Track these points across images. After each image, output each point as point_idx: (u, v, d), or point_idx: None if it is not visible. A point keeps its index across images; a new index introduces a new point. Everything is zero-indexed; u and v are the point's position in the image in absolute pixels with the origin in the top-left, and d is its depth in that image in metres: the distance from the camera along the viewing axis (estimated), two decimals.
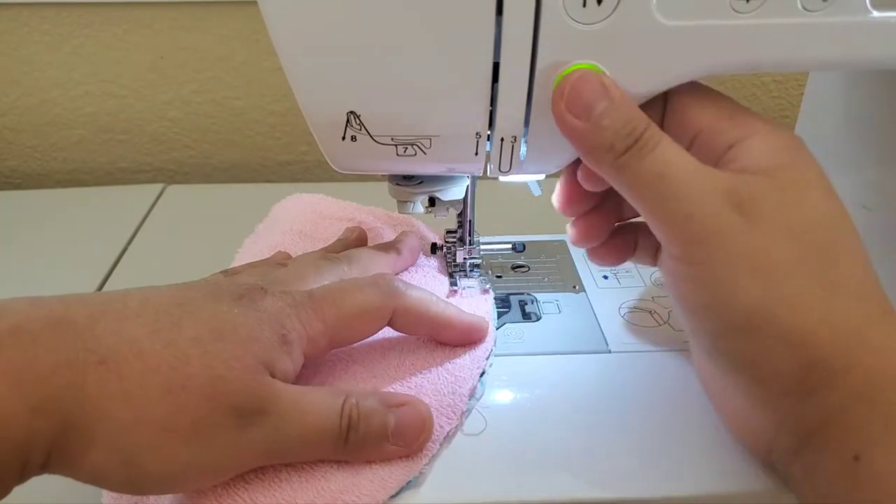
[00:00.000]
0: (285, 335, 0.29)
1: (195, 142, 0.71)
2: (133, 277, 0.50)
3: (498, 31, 0.27)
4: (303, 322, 0.30)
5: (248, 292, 0.30)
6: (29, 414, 0.23)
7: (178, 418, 0.25)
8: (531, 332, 0.39)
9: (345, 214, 0.47)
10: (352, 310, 0.31)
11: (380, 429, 0.29)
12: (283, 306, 0.30)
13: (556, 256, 0.46)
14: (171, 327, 0.27)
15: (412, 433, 0.30)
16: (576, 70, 0.27)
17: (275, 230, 0.46)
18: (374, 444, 0.29)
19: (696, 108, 0.29)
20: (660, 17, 0.26)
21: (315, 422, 0.28)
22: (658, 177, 0.26)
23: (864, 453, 0.23)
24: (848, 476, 0.23)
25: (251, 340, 0.28)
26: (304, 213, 0.47)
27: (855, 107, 0.40)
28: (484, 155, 0.32)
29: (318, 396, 0.29)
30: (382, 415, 0.29)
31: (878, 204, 0.38)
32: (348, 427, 0.28)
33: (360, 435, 0.29)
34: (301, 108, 0.30)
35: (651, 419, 0.33)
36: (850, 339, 0.24)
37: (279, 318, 0.29)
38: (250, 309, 0.29)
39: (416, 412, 0.30)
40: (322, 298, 0.31)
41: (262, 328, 0.28)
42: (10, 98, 0.67)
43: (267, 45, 0.28)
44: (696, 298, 0.27)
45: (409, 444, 0.30)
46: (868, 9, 0.26)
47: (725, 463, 0.30)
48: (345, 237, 0.43)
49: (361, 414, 0.29)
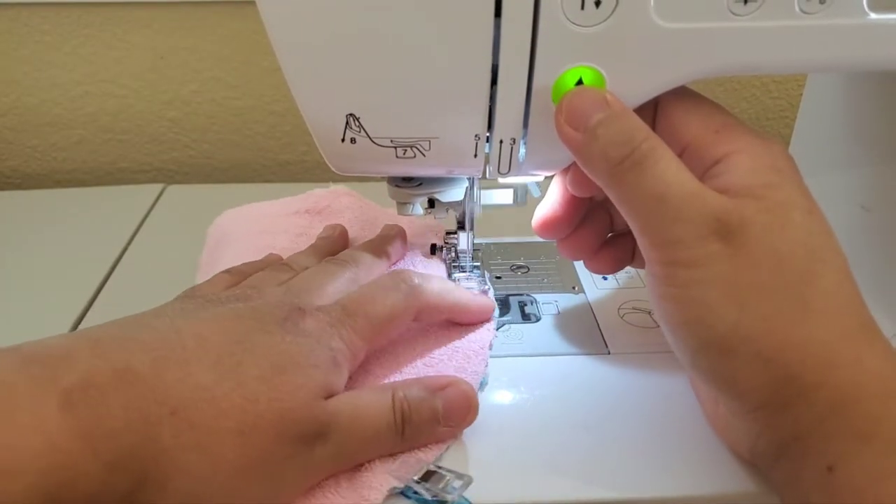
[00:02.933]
0: (335, 357, 0.30)
1: (195, 142, 0.71)
2: (133, 277, 0.50)
3: (496, 34, 0.27)
4: (345, 341, 0.31)
5: (289, 315, 0.30)
6: (103, 470, 0.23)
7: (250, 459, 0.26)
8: (531, 332, 0.39)
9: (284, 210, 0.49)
10: (383, 318, 0.33)
11: (431, 414, 0.30)
12: (325, 326, 0.31)
13: (556, 257, 0.46)
14: (236, 368, 0.27)
15: (461, 412, 0.31)
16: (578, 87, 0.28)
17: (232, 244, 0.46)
18: (428, 429, 0.31)
19: (683, 120, 0.29)
20: (658, 20, 0.26)
21: (372, 424, 0.29)
22: (657, 197, 0.26)
23: (837, 464, 0.24)
24: (823, 486, 0.24)
25: (311, 367, 0.29)
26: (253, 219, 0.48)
27: (854, 107, 0.40)
28: (483, 157, 0.32)
29: (369, 399, 0.30)
30: (430, 401, 0.31)
31: (878, 204, 0.38)
32: (402, 420, 0.30)
33: (414, 425, 0.30)
34: (300, 110, 0.30)
35: (650, 420, 0.33)
36: (822, 356, 0.25)
37: (326, 341, 0.30)
38: (299, 335, 0.30)
39: (460, 391, 0.32)
40: (355, 313, 0.32)
41: (316, 353, 0.29)
42: (10, 98, 0.67)
43: (267, 45, 0.28)
44: (676, 317, 0.27)
45: (460, 422, 0.31)
46: (865, 11, 0.26)
47: (724, 464, 0.30)
48: (328, 235, 0.44)
49: (412, 405, 0.30)
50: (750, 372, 0.26)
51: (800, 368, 0.25)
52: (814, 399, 0.25)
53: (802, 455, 0.25)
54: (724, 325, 0.26)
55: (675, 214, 0.26)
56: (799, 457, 0.25)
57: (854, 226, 0.39)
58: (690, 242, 0.26)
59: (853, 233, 0.38)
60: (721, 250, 0.26)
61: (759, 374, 0.25)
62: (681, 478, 0.30)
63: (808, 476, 0.25)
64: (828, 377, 0.25)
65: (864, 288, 0.27)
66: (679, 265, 0.26)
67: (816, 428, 0.25)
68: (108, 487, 0.24)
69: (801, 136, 0.45)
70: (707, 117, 0.29)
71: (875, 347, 0.25)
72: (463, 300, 0.37)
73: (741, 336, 0.25)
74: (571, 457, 0.31)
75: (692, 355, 0.27)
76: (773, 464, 0.27)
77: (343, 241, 0.44)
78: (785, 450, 0.26)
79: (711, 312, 0.26)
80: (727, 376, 0.26)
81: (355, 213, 0.48)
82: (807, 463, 0.25)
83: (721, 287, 0.26)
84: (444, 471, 0.30)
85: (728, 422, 0.30)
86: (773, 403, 0.26)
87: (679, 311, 0.27)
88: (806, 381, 0.25)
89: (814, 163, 0.41)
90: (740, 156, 0.27)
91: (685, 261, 0.26)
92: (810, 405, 0.25)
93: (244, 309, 0.31)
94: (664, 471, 0.30)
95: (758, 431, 0.27)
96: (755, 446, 0.28)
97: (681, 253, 0.26)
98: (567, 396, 0.34)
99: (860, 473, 0.23)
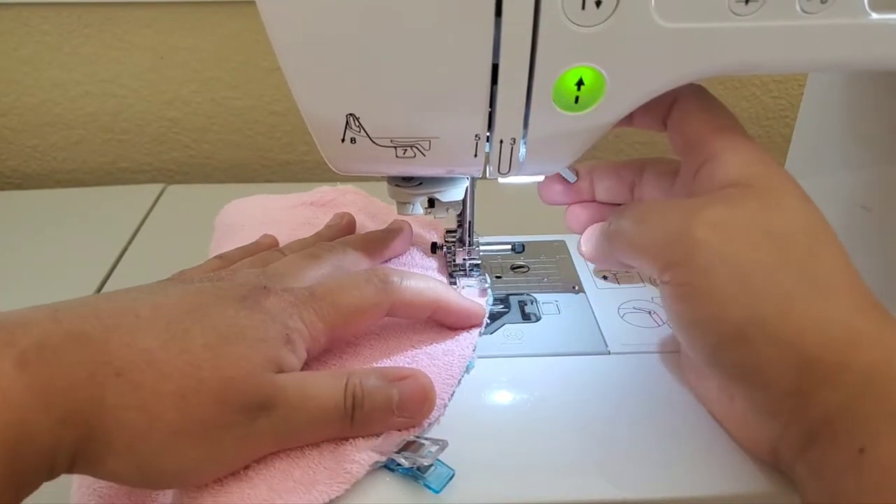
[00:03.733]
0: (289, 335, 0.30)
1: (195, 142, 0.71)
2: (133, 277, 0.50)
3: (497, 33, 0.27)
4: (305, 322, 0.31)
5: (251, 293, 0.31)
6: (55, 425, 0.25)
7: (189, 422, 0.27)
8: (530, 332, 0.39)
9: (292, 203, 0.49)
10: (350, 308, 0.33)
11: (384, 403, 0.30)
12: (286, 306, 0.31)
13: (556, 257, 0.46)
14: (183, 335, 0.28)
15: (416, 404, 0.31)
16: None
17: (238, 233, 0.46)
18: (380, 418, 0.31)
19: (693, 117, 0.31)
20: (658, 20, 0.26)
21: (320, 405, 0.29)
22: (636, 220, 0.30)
23: (869, 445, 0.23)
24: (854, 469, 0.24)
25: (258, 341, 0.29)
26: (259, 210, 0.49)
27: (855, 107, 0.40)
28: (483, 156, 0.32)
29: (321, 380, 0.30)
30: (386, 389, 0.31)
31: (878, 204, 0.38)
32: (353, 406, 0.30)
33: (364, 412, 0.30)
34: (300, 109, 0.30)
35: (650, 420, 0.33)
36: (842, 335, 0.25)
37: (283, 319, 0.30)
38: (255, 311, 0.30)
39: (417, 384, 0.32)
40: (322, 297, 0.32)
41: (268, 329, 0.30)
42: (10, 98, 0.67)
43: (267, 45, 0.28)
44: (689, 315, 0.27)
45: (414, 414, 0.31)
46: (867, 10, 0.26)
47: (725, 463, 0.30)
48: (334, 223, 0.44)
49: (365, 392, 0.30)
50: (772, 359, 0.25)
51: (821, 350, 0.25)
52: (841, 380, 0.24)
53: (832, 439, 0.25)
54: (738, 313, 0.26)
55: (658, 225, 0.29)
56: (829, 442, 0.25)
57: (854, 226, 0.39)
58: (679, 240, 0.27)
59: (853, 233, 0.38)
60: (710, 235, 0.27)
61: (781, 360, 0.25)
62: (681, 477, 0.30)
63: (839, 461, 0.24)
64: (853, 357, 0.24)
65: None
66: (677, 265, 0.27)
67: (847, 409, 0.24)
68: (59, 441, 0.25)
69: (801, 136, 0.45)
70: (713, 118, 0.31)
71: (891, 324, 0.25)
72: (444, 300, 0.36)
73: (756, 321, 0.25)
74: (571, 457, 0.31)
75: (712, 353, 0.27)
76: (797, 456, 0.26)
77: (350, 230, 0.44)
78: (814, 437, 0.25)
79: (721, 302, 0.26)
80: (749, 368, 0.26)
81: (360, 206, 0.48)
82: (837, 447, 0.24)
83: (723, 270, 0.26)
84: (421, 439, 0.30)
85: (746, 420, 0.30)
86: (800, 389, 0.25)
87: (691, 310, 0.27)
88: (830, 361, 0.25)
89: (814, 163, 0.42)
90: (728, 154, 0.29)
91: (679, 258, 0.27)
92: (839, 386, 0.25)
93: (209, 286, 0.31)
94: (664, 471, 0.30)
95: (784, 422, 0.27)
96: (779, 440, 0.27)
97: (672, 253, 0.27)
98: (567, 396, 0.34)
99: (892, 453, 0.23)
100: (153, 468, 0.27)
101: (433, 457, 0.29)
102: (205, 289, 0.31)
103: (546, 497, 0.29)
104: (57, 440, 0.25)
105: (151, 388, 0.26)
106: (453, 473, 0.30)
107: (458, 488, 0.30)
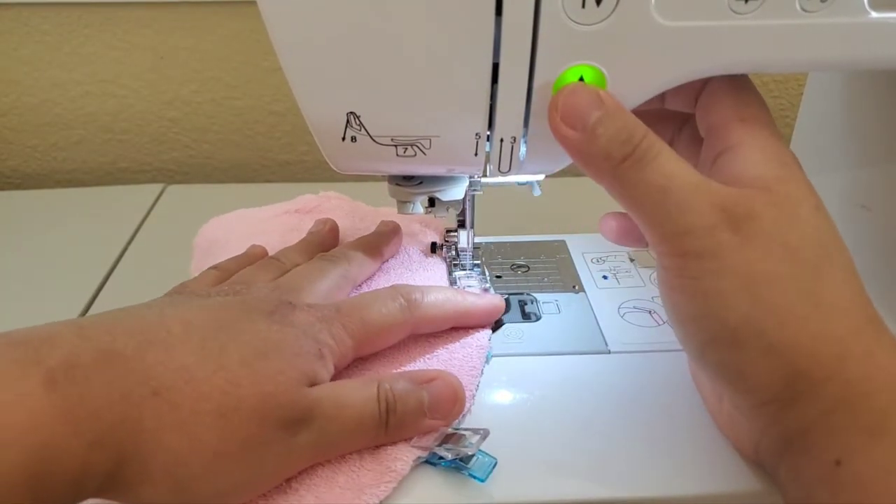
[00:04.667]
0: (321, 349, 0.30)
1: (195, 142, 0.71)
2: (133, 277, 0.51)
3: (497, 32, 0.27)
4: (334, 338, 0.31)
5: (278, 308, 0.31)
6: (85, 449, 0.24)
7: (230, 441, 0.26)
8: (531, 332, 0.39)
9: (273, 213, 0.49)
10: (376, 326, 0.33)
11: (416, 406, 0.31)
12: (314, 321, 0.31)
13: (556, 256, 0.46)
14: (219, 352, 0.27)
15: (447, 404, 0.31)
16: (570, 83, 0.27)
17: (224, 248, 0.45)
18: (413, 421, 0.31)
19: (720, 101, 0.29)
20: (658, 18, 0.26)
21: (355, 414, 0.29)
22: (660, 189, 0.26)
23: (844, 458, 0.24)
24: (830, 481, 0.24)
25: (293, 355, 0.29)
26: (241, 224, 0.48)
27: (855, 107, 0.40)
28: (483, 155, 0.32)
29: (353, 389, 0.30)
30: (416, 392, 0.31)
31: (878, 204, 0.38)
32: (387, 410, 0.30)
33: (398, 416, 0.30)
34: (301, 108, 0.30)
35: (650, 419, 0.33)
36: (832, 350, 0.25)
37: (313, 333, 0.30)
38: (286, 325, 0.30)
39: (447, 384, 0.32)
40: (349, 315, 0.32)
41: (301, 343, 0.29)
42: (10, 98, 0.67)
43: (267, 45, 0.28)
44: (686, 309, 0.27)
45: (446, 415, 0.31)
46: (867, 9, 0.26)
47: (724, 463, 0.30)
48: (318, 229, 0.44)
49: (397, 396, 0.30)
50: (760, 366, 0.25)
51: (810, 363, 0.25)
52: (821, 393, 0.25)
53: (808, 449, 0.25)
54: (736, 318, 0.25)
55: (682, 205, 0.26)
56: (804, 451, 0.25)
57: (854, 226, 0.39)
58: (700, 232, 0.26)
59: (853, 233, 0.38)
60: (731, 240, 0.26)
61: (769, 369, 0.25)
62: (681, 477, 0.30)
63: (814, 471, 0.24)
64: (836, 371, 0.25)
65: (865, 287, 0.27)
66: (690, 256, 0.26)
67: (824, 421, 0.24)
68: (90, 466, 0.24)
69: (801, 136, 0.45)
70: (742, 106, 0.29)
71: (884, 342, 0.25)
72: (465, 306, 0.37)
73: (753, 329, 0.25)
74: (571, 456, 0.31)
75: (701, 349, 0.27)
76: (777, 460, 0.27)
77: (333, 235, 0.44)
78: (790, 445, 0.26)
79: (723, 304, 0.26)
80: (736, 371, 0.26)
81: (346, 211, 0.48)
82: (812, 457, 0.25)
83: (733, 277, 0.25)
84: (460, 430, 0.31)
85: (732, 418, 0.30)
86: (781, 398, 0.25)
87: (690, 304, 0.27)
88: (814, 375, 0.25)
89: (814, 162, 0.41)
90: (749, 148, 0.28)
91: (696, 251, 0.26)
92: (818, 399, 0.25)
93: (232, 301, 0.31)
94: (665, 470, 0.30)
95: (763, 427, 0.27)
96: (759, 442, 0.28)
97: (691, 243, 0.26)
98: (567, 395, 0.34)
99: (868, 467, 0.23)
100: (191, 493, 0.26)
101: (476, 446, 0.30)
102: (230, 304, 0.31)
103: (545, 496, 0.29)
104: (86, 465, 0.24)
105: (191, 408, 0.26)
106: (496, 462, 0.30)
107: (456, 486, 0.30)
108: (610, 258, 0.46)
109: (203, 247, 0.47)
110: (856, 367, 0.24)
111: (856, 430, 0.24)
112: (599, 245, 0.47)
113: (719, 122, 0.29)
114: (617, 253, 0.46)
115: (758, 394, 0.26)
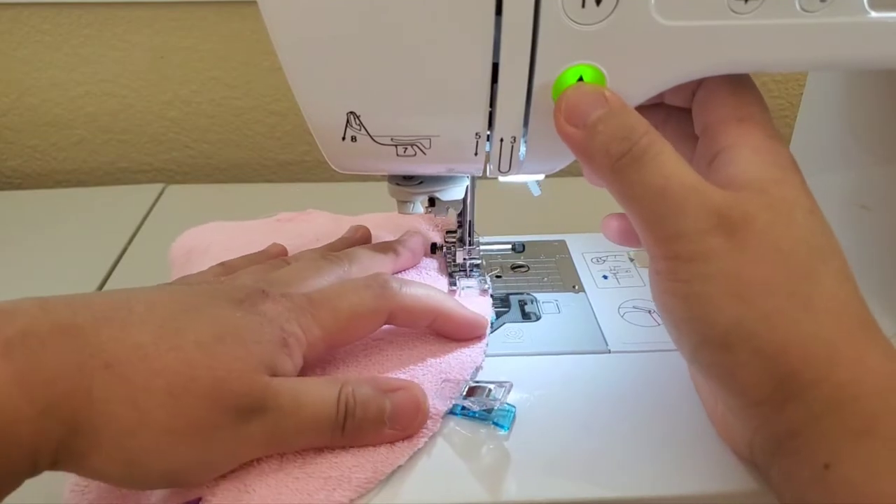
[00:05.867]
0: (285, 339, 0.30)
1: (195, 142, 0.71)
2: (133, 277, 0.50)
3: (497, 32, 0.27)
4: (302, 327, 0.31)
5: (248, 296, 0.30)
6: (38, 416, 0.24)
7: (179, 420, 0.26)
8: (531, 331, 0.39)
9: None
10: (347, 314, 0.32)
11: (376, 414, 0.30)
12: (283, 310, 0.31)
13: (556, 256, 0.46)
14: (176, 332, 0.27)
15: (408, 416, 0.31)
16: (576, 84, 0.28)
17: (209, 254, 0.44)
18: (372, 429, 0.30)
19: (717, 98, 0.29)
20: (658, 18, 0.26)
21: (312, 412, 0.29)
22: (657, 190, 0.26)
23: (834, 462, 0.24)
24: (819, 484, 0.24)
25: (252, 343, 0.28)
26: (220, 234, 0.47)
27: (855, 107, 0.40)
28: (483, 155, 0.32)
29: (314, 387, 0.30)
30: (378, 400, 0.30)
31: (878, 204, 0.38)
32: (345, 415, 0.29)
33: (356, 421, 0.30)
34: (301, 108, 0.30)
35: (650, 419, 0.33)
36: (822, 353, 0.25)
37: (279, 322, 0.30)
38: (251, 313, 0.30)
39: (410, 396, 0.31)
40: (319, 304, 0.32)
41: (263, 331, 0.29)
42: (10, 98, 0.67)
43: (267, 45, 0.28)
44: (678, 311, 0.27)
45: (406, 427, 0.31)
46: (866, 9, 0.26)
47: (723, 463, 0.30)
48: (349, 235, 0.44)
49: (358, 401, 0.30)
50: (750, 369, 0.25)
51: (800, 366, 0.25)
52: (811, 395, 0.25)
53: (798, 452, 0.25)
54: (727, 321, 0.25)
55: (677, 208, 0.26)
56: (795, 454, 0.25)
57: (854, 226, 0.39)
58: (692, 236, 0.26)
59: (853, 233, 0.38)
60: (723, 245, 0.26)
61: (759, 371, 0.25)
62: (681, 476, 0.30)
63: (805, 474, 0.25)
64: (825, 375, 0.25)
65: (865, 287, 0.27)
66: (681, 259, 0.26)
67: (813, 425, 0.25)
68: (42, 434, 0.24)
69: (801, 136, 0.45)
70: (740, 105, 0.29)
71: (876, 346, 0.25)
72: (445, 307, 0.35)
73: (743, 332, 0.25)
74: (571, 456, 0.31)
75: (693, 351, 0.27)
76: (769, 462, 0.27)
77: (363, 242, 0.43)
78: (781, 447, 0.26)
79: (714, 308, 0.26)
80: (727, 372, 0.26)
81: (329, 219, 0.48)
82: (803, 460, 0.25)
83: (723, 282, 0.25)
84: (483, 383, 0.31)
85: (726, 419, 0.30)
86: (772, 401, 0.26)
87: (682, 307, 0.27)
88: (803, 378, 0.25)
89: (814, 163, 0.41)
90: (745, 149, 0.28)
91: (687, 255, 0.26)
92: (807, 402, 0.25)
93: (206, 288, 0.31)
94: (664, 469, 0.30)
95: (754, 428, 0.27)
96: (752, 444, 0.28)
97: (683, 247, 0.26)
98: (567, 395, 0.34)
99: (857, 470, 0.23)
100: (141, 467, 0.26)
101: (502, 399, 0.30)
102: (201, 290, 0.31)
103: (545, 496, 0.29)
104: (40, 432, 0.24)
105: (142, 384, 0.26)
106: (515, 409, 0.31)
107: (456, 486, 0.30)
108: (610, 258, 0.46)
109: (180, 256, 0.46)
110: (846, 371, 0.24)
111: (844, 433, 0.24)
112: (599, 245, 0.47)
113: (716, 120, 0.29)
114: (617, 253, 0.46)
115: (748, 395, 0.26)
